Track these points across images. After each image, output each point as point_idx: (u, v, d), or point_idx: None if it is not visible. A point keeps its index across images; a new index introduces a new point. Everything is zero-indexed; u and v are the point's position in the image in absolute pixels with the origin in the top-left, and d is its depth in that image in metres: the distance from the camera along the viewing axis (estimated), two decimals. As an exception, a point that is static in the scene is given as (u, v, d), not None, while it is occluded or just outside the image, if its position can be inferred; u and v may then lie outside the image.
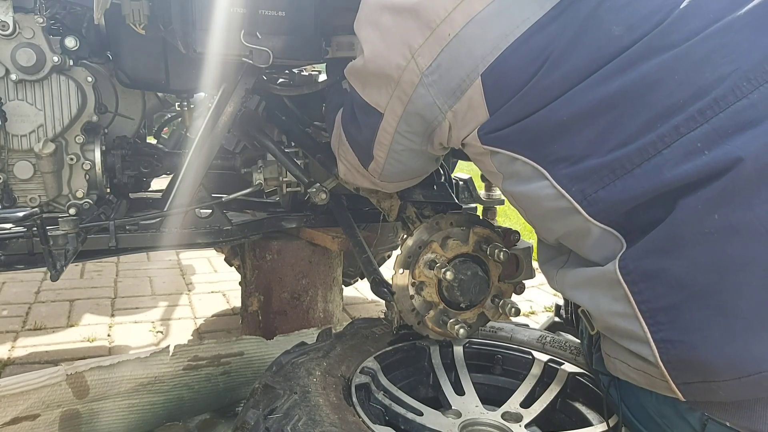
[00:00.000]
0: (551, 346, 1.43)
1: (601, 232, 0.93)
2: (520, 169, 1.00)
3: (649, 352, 0.88)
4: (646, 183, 0.86)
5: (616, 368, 1.00)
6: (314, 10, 1.37)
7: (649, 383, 0.93)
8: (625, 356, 0.96)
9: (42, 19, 1.36)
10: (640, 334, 0.88)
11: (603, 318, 0.95)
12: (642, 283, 0.87)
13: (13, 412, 1.34)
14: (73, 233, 1.39)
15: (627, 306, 0.89)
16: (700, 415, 0.92)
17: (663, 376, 0.88)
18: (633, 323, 0.89)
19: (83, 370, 1.43)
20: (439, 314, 1.33)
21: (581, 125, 0.92)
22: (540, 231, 1.09)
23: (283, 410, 1.06)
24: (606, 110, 0.90)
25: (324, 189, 1.62)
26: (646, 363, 0.90)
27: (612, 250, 0.92)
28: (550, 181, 0.95)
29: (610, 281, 0.91)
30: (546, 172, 0.96)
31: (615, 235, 0.92)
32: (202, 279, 3.17)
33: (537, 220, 1.06)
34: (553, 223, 1.01)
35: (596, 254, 0.96)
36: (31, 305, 2.69)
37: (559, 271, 1.07)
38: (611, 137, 0.90)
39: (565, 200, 0.94)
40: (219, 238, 1.66)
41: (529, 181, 0.99)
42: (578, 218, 0.94)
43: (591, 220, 0.92)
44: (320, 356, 1.27)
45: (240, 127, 1.72)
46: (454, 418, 1.19)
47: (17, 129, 1.40)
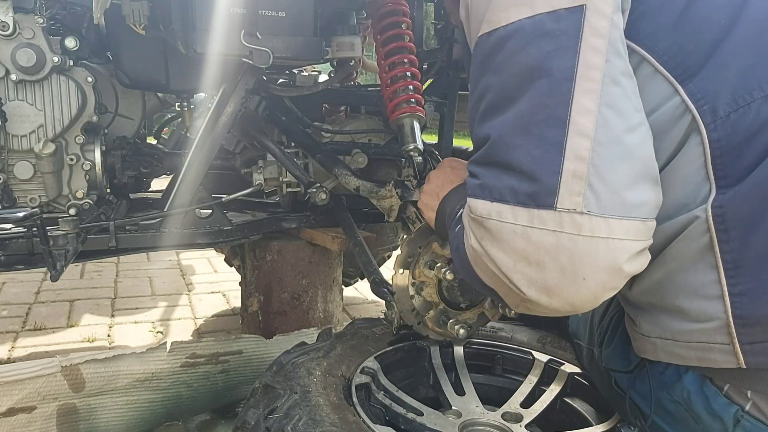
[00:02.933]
0: (552, 347, 1.43)
1: (699, 167, 0.83)
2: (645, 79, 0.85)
3: (719, 309, 0.82)
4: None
5: (656, 349, 0.92)
6: (314, 11, 1.37)
7: (699, 356, 0.86)
8: (672, 330, 0.88)
9: (42, 20, 1.37)
10: (713, 289, 0.83)
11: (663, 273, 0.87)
12: (734, 231, 0.80)
13: (8, 402, 1.34)
14: (73, 233, 1.40)
15: (708, 256, 0.82)
16: (736, 411, 0.87)
17: (728, 336, 0.82)
18: (708, 275, 0.83)
19: (78, 363, 1.43)
20: (439, 314, 1.33)
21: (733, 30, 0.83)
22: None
23: (283, 410, 1.06)
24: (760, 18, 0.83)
25: (324, 189, 1.62)
26: (706, 326, 0.84)
27: (695, 197, 0.84)
28: (680, 96, 0.83)
29: (694, 228, 0.83)
30: (679, 87, 0.83)
31: (708, 177, 0.83)
32: (202, 279, 3.17)
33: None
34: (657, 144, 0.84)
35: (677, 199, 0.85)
36: (31, 305, 2.69)
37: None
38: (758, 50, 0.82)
39: (689, 118, 0.83)
40: (219, 238, 1.67)
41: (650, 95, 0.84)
42: (692, 143, 0.83)
43: (706, 146, 0.82)
44: (320, 356, 1.27)
45: (240, 127, 1.72)
46: (454, 418, 1.19)
47: (17, 129, 1.41)
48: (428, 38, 1.99)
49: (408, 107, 1.51)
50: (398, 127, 1.52)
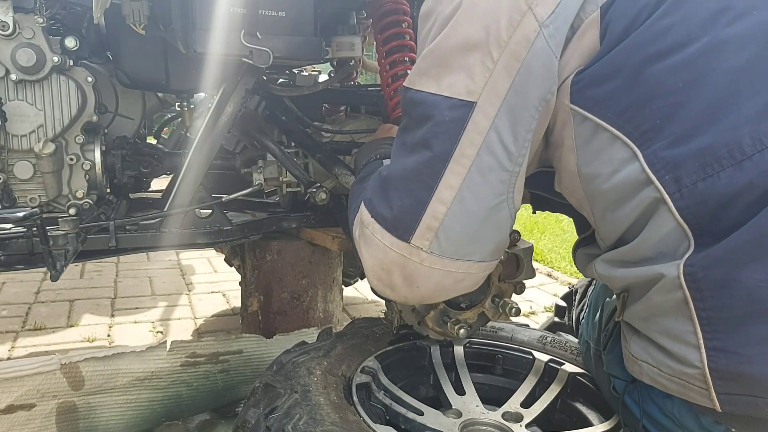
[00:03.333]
0: (552, 347, 1.43)
1: (674, 228, 0.84)
2: (604, 146, 0.88)
3: (697, 358, 0.83)
4: (756, 180, 0.77)
5: (642, 372, 0.94)
6: (314, 10, 1.37)
7: (682, 391, 0.88)
8: (657, 360, 0.91)
9: (42, 19, 1.37)
10: (690, 338, 0.84)
11: (649, 311, 0.90)
12: (707, 291, 0.81)
13: (7, 398, 1.34)
14: (73, 233, 1.40)
15: (684, 309, 0.83)
16: (725, 429, 0.88)
17: (704, 384, 0.84)
18: (685, 325, 0.84)
19: (78, 361, 1.43)
20: (439, 314, 1.33)
21: (695, 93, 0.81)
22: (601, 223, 0.97)
23: (284, 409, 1.06)
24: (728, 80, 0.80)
25: (324, 189, 1.62)
26: (686, 369, 0.85)
27: (673, 249, 0.85)
28: (640, 164, 0.84)
29: (669, 283, 0.84)
30: (638, 151, 0.84)
31: (686, 234, 0.83)
32: (202, 279, 3.17)
33: (601, 209, 0.94)
34: (621, 212, 0.89)
35: (653, 249, 0.87)
36: (31, 305, 2.69)
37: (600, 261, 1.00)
38: (725, 114, 0.79)
39: (651, 188, 0.84)
40: (219, 238, 1.67)
41: (611, 161, 0.87)
42: (659, 210, 0.84)
43: (675, 213, 0.82)
44: (321, 355, 1.27)
45: (240, 127, 1.72)
46: (454, 418, 1.19)
47: (17, 129, 1.41)
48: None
49: (408, 107, 1.50)
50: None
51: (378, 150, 1.33)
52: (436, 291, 1.02)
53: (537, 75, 0.88)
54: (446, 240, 0.94)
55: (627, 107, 0.85)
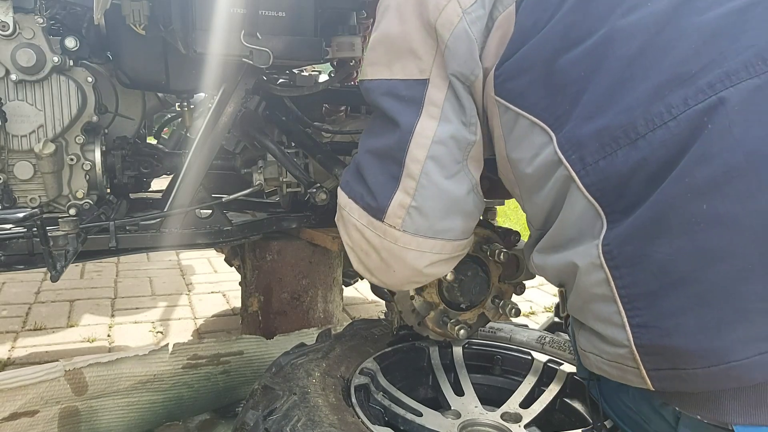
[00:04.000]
0: (550, 347, 1.43)
1: (587, 206, 0.89)
2: (525, 133, 0.96)
3: (624, 337, 0.87)
4: (649, 156, 0.83)
5: (591, 363, 0.98)
6: (314, 11, 1.37)
7: (621, 375, 0.92)
8: (599, 348, 0.94)
9: (42, 20, 1.37)
10: (616, 319, 0.87)
11: (581, 300, 0.94)
12: (624, 268, 0.85)
13: (11, 407, 1.35)
14: (73, 234, 1.39)
15: (607, 289, 0.87)
16: (673, 409, 0.92)
17: (635, 362, 0.87)
18: (611, 306, 0.88)
19: (81, 367, 1.43)
20: (439, 315, 1.34)
21: (594, 80, 0.89)
22: (528, 206, 1.04)
23: (282, 411, 1.06)
24: (622, 66, 0.87)
25: (324, 189, 1.62)
26: (619, 351, 0.89)
27: (590, 227, 0.90)
28: (554, 146, 0.91)
29: (591, 264, 0.89)
30: (553, 136, 0.92)
31: (597, 212, 0.89)
32: (202, 279, 3.17)
33: (526, 191, 1.02)
34: (542, 193, 0.97)
35: (574, 230, 0.93)
36: (31, 305, 2.69)
37: (535, 252, 1.05)
38: (620, 97, 0.86)
39: (562, 168, 0.90)
40: (219, 238, 1.67)
41: (532, 145, 0.95)
42: (571, 188, 0.91)
43: (583, 190, 0.89)
44: (319, 357, 1.27)
45: (240, 127, 1.72)
46: (453, 419, 1.19)
47: (17, 129, 1.40)
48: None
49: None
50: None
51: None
52: (411, 275, 1.08)
53: (459, 56, 0.98)
54: (418, 216, 1.02)
55: (541, 97, 0.94)
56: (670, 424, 0.94)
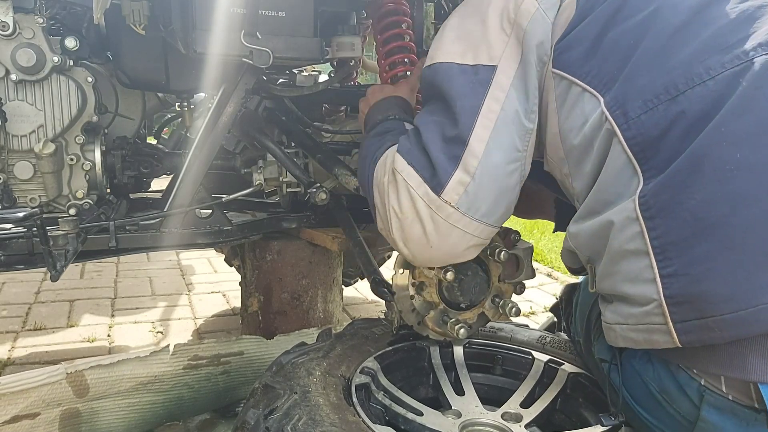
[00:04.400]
0: (551, 347, 1.43)
1: (625, 162, 0.95)
2: (576, 100, 1.03)
3: (654, 290, 0.90)
4: (687, 110, 0.90)
5: (617, 335, 1.00)
6: (314, 11, 1.37)
7: (647, 338, 0.94)
8: (625, 315, 0.97)
9: (42, 20, 1.37)
10: (647, 273, 0.90)
11: (612, 263, 0.97)
12: (658, 218, 0.90)
13: (13, 410, 1.35)
14: (73, 233, 1.39)
15: (640, 242, 0.91)
16: (698, 386, 0.93)
17: (663, 317, 0.89)
18: (643, 261, 0.91)
19: (83, 369, 1.43)
20: (439, 314, 1.34)
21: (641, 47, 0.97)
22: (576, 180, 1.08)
23: (283, 410, 1.06)
24: (668, 34, 0.96)
25: (324, 189, 1.62)
26: (647, 308, 0.91)
27: (627, 186, 0.95)
28: (602, 108, 0.98)
29: (626, 219, 0.93)
30: (601, 98, 0.98)
31: (635, 168, 0.94)
32: (202, 279, 3.17)
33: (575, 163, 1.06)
34: (588, 159, 1.02)
35: (612, 191, 0.98)
36: (31, 305, 2.69)
37: (571, 222, 1.09)
38: (664, 60, 0.95)
39: (607, 124, 0.97)
40: (219, 238, 1.67)
41: (582, 112, 1.02)
42: (613, 144, 0.96)
43: (624, 144, 0.95)
44: (320, 356, 1.27)
45: (240, 127, 1.72)
46: (454, 418, 1.19)
47: (17, 129, 1.40)
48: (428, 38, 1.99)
49: (409, 106, 1.50)
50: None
51: (390, 110, 1.36)
52: (447, 254, 1.13)
53: (536, 36, 1.07)
54: (475, 196, 1.06)
55: (592, 66, 1.02)
56: (694, 404, 0.95)
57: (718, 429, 0.93)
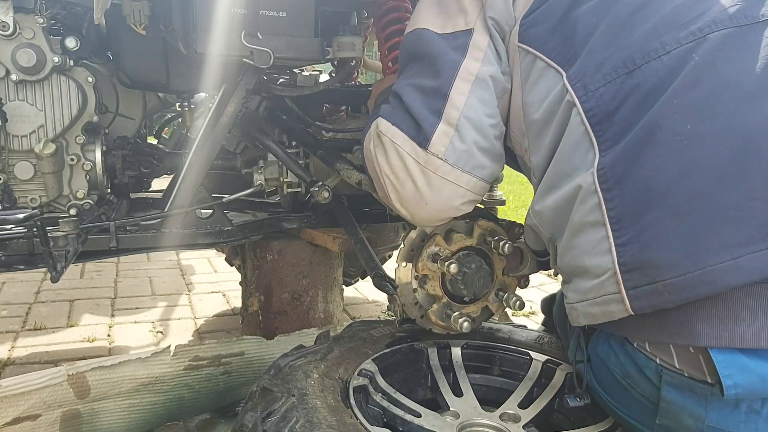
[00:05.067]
0: (549, 347, 1.43)
1: (583, 134, 0.99)
2: (539, 75, 1.08)
3: (609, 260, 0.93)
4: (642, 82, 0.95)
5: (578, 313, 1.02)
6: (315, 10, 1.37)
7: (604, 310, 0.96)
8: (584, 290, 0.99)
9: (42, 20, 1.37)
10: (604, 244, 0.94)
11: (572, 238, 1.00)
12: (614, 190, 0.93)
13: (14, 412, 1.35)
14: (73, 234, 1.40)
15: (598, 214, 0.94)
16: (655, 366, 0.95)
17: (617, 285, 0.92)
18: (600, 231, 0.94)
19: (84, 371, 1.43)
20: (442, 308, 1.33)
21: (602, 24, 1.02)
22: (534, 154, 1.12)
23: (280, 413, 1.06)
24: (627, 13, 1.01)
25: (326, 188, 1.62)
26: (602, 279, 0.94)
27: (584, 158, 0.99)
28: (564, 83, 1.03)
29: (586, 192, 0.96)
30: (563, 73, 1.03)
31: (591, 141, 0.98)
32: (202, 279, 3.17)
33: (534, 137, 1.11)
34: (548, 132, 1.07)
35: (569, 163, 1.02)
36: (31, 305, 2.69)
37: (533, 201, 1.12)
38: (623, 37, 1.00)
39: (567, 96, 1.01)
40: (220, 238, 1.67)
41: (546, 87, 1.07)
42: (572, 115, 1.00)
43: (582, 115, 0.99)
44: (318, 359, 1.27)
45: (241, 127, 1.72)
46: (452, 420, 1.19)
47: (18, 129, 1.41)
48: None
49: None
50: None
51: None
52: (442, 208, 1.16)
53: (498, 6, 1.14)
54: (460, 144, 1.10)
55: (557, 43, 1.07)
56: (654, 384, 0.97)
57: (680, 408, 0.95)
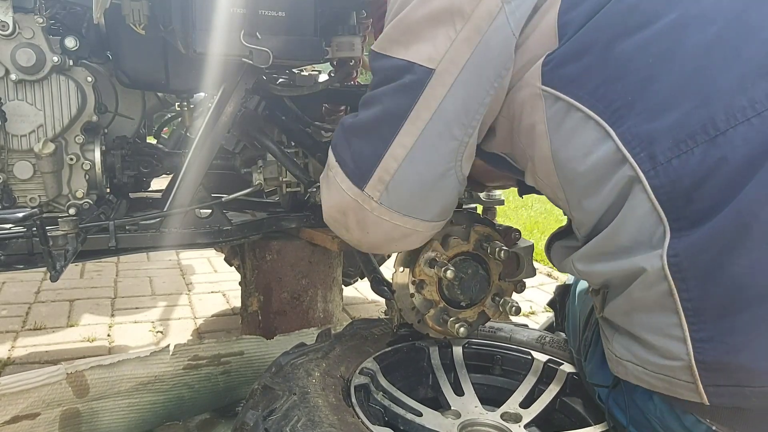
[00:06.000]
0: (551, 347, 1.43)
1: (649, 212, 0.82)
2: (576, 127, 0.87)
3: (683, 351, 0.82)
4: (729, 156, 0.76)
5: (627, 372, 0.93)
6: (314, 10, 1.37)
7: (667, 387, 0.87)
8: (641, 358, 0.89)
9: (42, 19, 1.37)
10: (675, 332, 0.82)
11: (631, 306, 0.88)
12: (693, 281, 0.80)
13: (13, 410, 1.35)
14: (72, 233, 1.39)
15: (668, 301, 0.82)
16: (706, 428, 0.88)
17: (691, 377, 0.82)
18: (670, 318, 0.83)
19: (83, 369, 1.43)
20: (439, 313, 1.33)
21: (666, 68, 0.80)
22: (578, 212, 0.95)
23: (282, 411, 1.06)
24: (699, 53, 0.79)
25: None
26: (672, 363, 0.84)
27: (649, 236, 0.83)
28: (614, 142, 0.83)
29: (651, 275, 0.82)
30: (611, 130, 0.83)
31: (660, 219, 0.81)
32: (202, 279, 3.17)
33: (576, 195, 0.92)
34: (598, 196, 0.87)
35: (628, 237, 0.85)
36: (31, 305, 2.69)
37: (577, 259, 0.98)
38: (697, 88, 0.79)
39: (627, 167, 0.82)
40: (219, 238, 1.66)
41: (585, 142, 0.86)
42: (634, 191, 0.82)
43: (650, 193, 0.80)
44: (319, 357, 1.27)
45: (240, 127, 1.72)
46: (453, 419, 1.19)
47: (17, 129, 1.40)
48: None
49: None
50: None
51: None
52: (385, 241, 1.10)
53: (494, 51, 0.92)
54: (395, 194, 1.01)
55: (599, 85, 0.85)
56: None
57: None
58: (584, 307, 1.26)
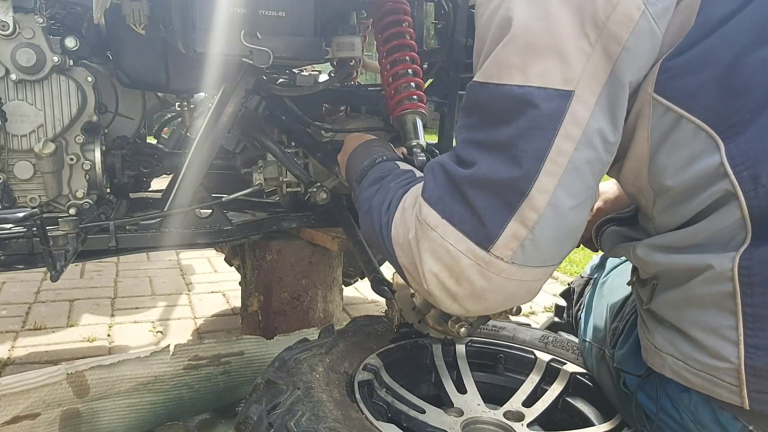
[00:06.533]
0: (553, 346, 1.43)
1: (737, 221, 0.79)
2: (684, 139, 0.81)
3: (733, 353, 0.81)
4: None
5: (665, 364, 0.91)
6: (314, 10, 1.37)
7: (708, 386, 0.86)
8: (684, 354, 0.88)
9: (42, 19, 1.37)
10: (729, 333, 0.82)
11: (684, 301, 0.87)
12: (759, 287, 0.78)
13: (13, 410, 1.34)
14: (73, 233, 1.39)
15: (729, 302, 0.81)
16: (742, 426, 0.87)
17: (737, 380, 0.82)
18: (726, 320, 0.81)
19: (84, 370, 1.43)
20: (440, 313, 1.33)
21: None
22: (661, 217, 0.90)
23: (286, 406, 1.06)
24: None
25: (325, 188, 1.62)
26: (718, 364, 0.83)
27: (728, 239, 0.81)
28: (720, 156, 0.78)
29: (716, 275, 0.81)
30: (722, 144, 0.78)
31: (746, 228, 0.79)
32: (202, 279, 3.17)
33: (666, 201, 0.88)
34: (689, 205, 0.84)
35: (706, 238, 0.83)
36: (31, 305, 2.68)
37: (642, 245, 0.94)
38: None
39: (726, 182, 0.78)
40: (219, 238, 1.67)
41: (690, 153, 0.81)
42: (728, 206, 0.79)
43: (744, 210, 0.78)
44: (323, 352, 1.27)
45: (240, 127, 1.72)
46: (456, 416, 1.19)
47: (17, 129, 1.40)
48: (428, 38, 1.99)
49: (410, 104, 1.50)
50: (400, 124, 1.52)
51: (373, 153, 1.23)
52: (503, 303, 0.92)
53: (640, 58, 0.80)
54: (533, 249, 0.84)
55: (715, 99, 0.79)
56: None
57: None
58: (612, 299, 1.25)
